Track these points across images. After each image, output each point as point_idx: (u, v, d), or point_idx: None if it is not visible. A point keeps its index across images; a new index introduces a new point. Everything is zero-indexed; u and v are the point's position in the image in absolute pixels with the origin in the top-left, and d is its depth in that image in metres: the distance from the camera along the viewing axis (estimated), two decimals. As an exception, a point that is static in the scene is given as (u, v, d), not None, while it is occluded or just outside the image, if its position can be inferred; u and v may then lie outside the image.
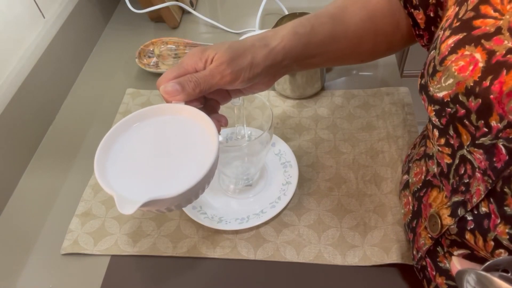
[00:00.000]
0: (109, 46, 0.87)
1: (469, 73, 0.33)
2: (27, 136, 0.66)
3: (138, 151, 0.39)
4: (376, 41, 0.51)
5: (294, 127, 0.66)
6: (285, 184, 0.57)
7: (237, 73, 0.41)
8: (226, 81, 0.41)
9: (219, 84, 0.41)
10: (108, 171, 0.37)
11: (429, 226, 0.42)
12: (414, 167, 0.50)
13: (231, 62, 0.41)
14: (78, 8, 0.81)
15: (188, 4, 0.89)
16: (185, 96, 0.40)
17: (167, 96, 0.40)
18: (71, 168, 0.64)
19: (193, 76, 0.40)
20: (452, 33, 0.36)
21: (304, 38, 0.46)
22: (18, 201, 0.61)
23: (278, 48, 0.44)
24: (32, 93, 0.67)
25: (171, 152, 0.39)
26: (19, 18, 0.67)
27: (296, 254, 0.51)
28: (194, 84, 0.40)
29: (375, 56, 0.54)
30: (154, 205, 0.35)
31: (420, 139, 0.52)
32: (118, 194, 0.34)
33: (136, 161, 0.38)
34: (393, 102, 0.68)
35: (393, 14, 0.49)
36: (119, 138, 0.40)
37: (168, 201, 0.35)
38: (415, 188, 0.48)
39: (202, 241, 0.53)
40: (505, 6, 0.32)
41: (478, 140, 0.34)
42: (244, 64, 0.42)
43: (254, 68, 0.43)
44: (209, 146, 0.37)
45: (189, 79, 0.40)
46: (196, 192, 0.37)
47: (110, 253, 0.53)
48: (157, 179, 0.37)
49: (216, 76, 0.41)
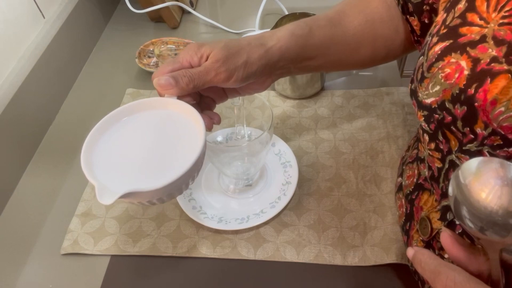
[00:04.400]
0: (109, 46, 0.87)
1: (455, 80, 0.33)
2: (27, 136, 0.66)
3: (125, 144, 0.39)
4: (375, 46, 0.50)
5: (294, 127, 0.66)
6: (285, 184, 0.57)
7: (232, 72, 0.41)
8: (220, 78, 0.41)
9: (213, 82, 0.41)
10: (93, 162, 0.37)
11: (420, 229, 0.43)
12: (407, 169, 0.50)
13: (226, 60, 0.41)
14: (78, 8, 0.81)
15: (188, 4, 0.89)
16: (178, 90, 0.40)
17: (160, 89, 0.40)
18: (71, 168, 0.64)
19: (188, 71, 0.40)
20: (440, 40, 0.36)
21: (301, 40, 0.46)
22: (18, 201, 0.61)
23: (274, 48, 0.44)
24: (32, 93, 0.67)
25: (157, 146, 0.39)
26: (19, 18, 0.67)
27: (296, 254, 0.51)
28: (188, 79, 0.40)
29: (374, 61, 0.54)
30: (134, 197, 0.35)
31: (414, 142, 0.52)
32: (100, 184, 0.34)
33: (122, 154, 0.38)
34: (393, 102, 0.68)
35: (391, 19, 0.49)
36: (107, 130, 0.40)
37: (148, 194, 0.35)
38: (407, 191, 0.48)
39: (202, 241, 0.53)
40: (490, 15, 0.33)
41: (465, 146, 0.34)
42: (239, 63, 0.42)
43: (248, 67, 0.42)
44: (195, 142, 0.37)
45: (183, 74, 0.40)
46: (178, 187, 0.37)
47: (110, 253, 0.53)
48: (141, 172, 0.37)
49: (211, 73, 0.41)
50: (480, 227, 0.27)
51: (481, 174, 0.27)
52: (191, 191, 0.58)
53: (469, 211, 0.27)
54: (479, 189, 0.27)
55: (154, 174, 0.37)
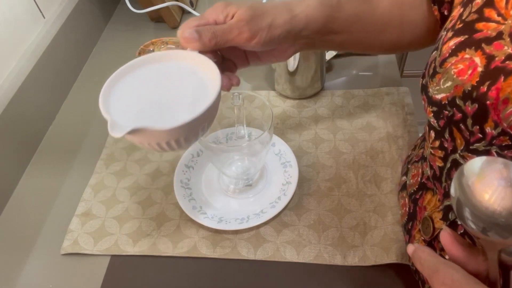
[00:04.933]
0: (109, 46, 0.87)
1: (467, 77, 0.33)
2: (27, 136, 0.66)
3: (143, 89, 0.41)
4: (401, 29, 0.49)
5: (294, 127, 0.66)
6: (285, 184, 0.57)
7: (255, 33, 0.41)
8: (242, 38, 0.41)
9: (235, 41, 0.42)
10: (111, 101, 0.39)
11: (422, 229, 0.42)
12: (412, 168, 0.50)
13: (251, 20, 0.41)
14: (78, 8, 0.81)
15: (188, 4, 0.89)
16: (201, 45, 0.41)
17: (183, 42, 0.41)
18: (71, 168, 0.64)
19: (212, 27, 0.41)
20: (454, 35, 0.36)
21: (328, 11, 0.46)
22: (18, 201, 0.61)
23: (301, 15, 0.44)
24: (32, 93, 0.67)
25: (173, 93, 0.41)
26: (19, 18, 0.67)
27: (296, 254, 0.51)
28: (211, 35, 0.40)
29: (399, 47, 0.52)
30: (143, 136, 0.37)
31: (421, 141, 0.52)
32: (112, 118, 0.36)
33: (138, 97, 0.40)
34: (393, 102, 0.68)
35: (421, 5, 0.48)
36: (128, 75, 0.42)
37: (156, 134, 0.36)
38: (411, 190, 0.48)
39: (202, 241, 0.53)
40: (508, 11, 0.32)
41: (472, 146, 0.34)
42: (263, 25, 0.42)
43: (272, 30, 0.42)
44: (209, 93, 0.38)
45: (207, 30, 0.41)
46: (186, 133, 0.38)
47: (110, 253, 0.53)
48: (153, 114, 0.39)
49: (234, 31, 0.41)
50: (482, 228, 0.27)
51: (484, 175, 0.27)
52: (191, 191, 0.58)
53: (472, 212, 0.27)
54: (482, 190, 0.26)
55: (165, 117, 0.38)
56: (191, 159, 0.61)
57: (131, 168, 0.62)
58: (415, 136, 0.62)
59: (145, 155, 0.64)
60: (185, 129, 0.36)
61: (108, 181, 0.61)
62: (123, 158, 0.64)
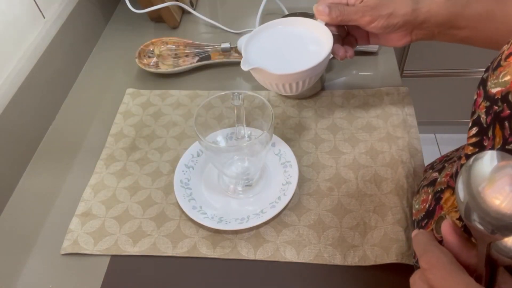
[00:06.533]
0: (109, 46, 0.87)
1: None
2: (27, 136, 0.66)
3: (275, 42, 0.53)
4: None
5: (294, 127, 0.66)
6: (285, 184, 0.57)
7: (374, 18, 0.48)
8: (364, 20, 0.49)
9: (357, 21, 0.49)
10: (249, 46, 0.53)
11: (436, 228, 0.42)
12: (448, 167, 0.49)
13: (375, 7, 0.48)
14: (78, 8, 0.81)
15: (188, 4, 0.89)
16: (328, 19, 0.49)
17: (316, 13, 0.50)
18: (71, 168, 0.64)
19: (341, 6, 0.49)
20: None
21: (455, 8, 0.47)
22: (18, 201, 0.61)
23: (423, 9, 0.48)
24: (32, 93, 0.67)
25: (295, 50, 0.53)
26: (19, 18, 0.67)
27: (296, 254, 0.51)
28: (338, 13, 0.49)
29: None
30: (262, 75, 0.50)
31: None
32: (245, 57, 0.50)
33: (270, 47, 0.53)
34: (393, 102, 0.68)
35: None
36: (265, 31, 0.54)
37: (269, 76, 0.49)
38: (439, 188, 0.47)
39: (202, 241, 0.53)
40: None
41: (508, 146, 0.33)
42: (384, 13, 0.48)
43: (391, 18, 0.48)
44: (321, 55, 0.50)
45: (337, 7, 0.49)
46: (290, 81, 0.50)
47: (110, 253, 0.53)
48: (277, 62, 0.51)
49: (358, 14, 0.49)
50: (491, 230, 0.27)
51: (495, 180, 0.26)
52: (191, 191, 0.58)
53: (481, 217, 0.27)
54: (493, 196, 0.26)
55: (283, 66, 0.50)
56: (191, 159, 0.61)
57: (131, 168, 0.62)
58: (415, 137, 0.62)
59: (145, 155, 0.64)
60: (293, 77, 0.49)
61: (108, 181, 0.61)
62: (123, 158, 0.64)
